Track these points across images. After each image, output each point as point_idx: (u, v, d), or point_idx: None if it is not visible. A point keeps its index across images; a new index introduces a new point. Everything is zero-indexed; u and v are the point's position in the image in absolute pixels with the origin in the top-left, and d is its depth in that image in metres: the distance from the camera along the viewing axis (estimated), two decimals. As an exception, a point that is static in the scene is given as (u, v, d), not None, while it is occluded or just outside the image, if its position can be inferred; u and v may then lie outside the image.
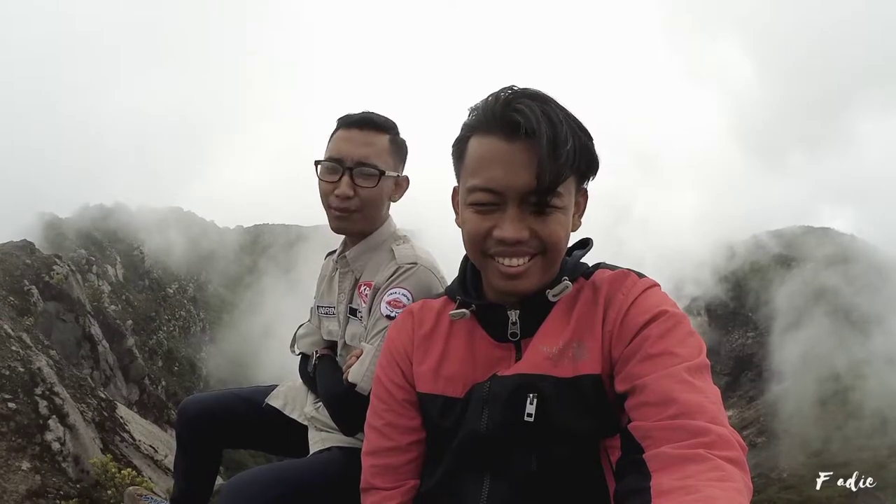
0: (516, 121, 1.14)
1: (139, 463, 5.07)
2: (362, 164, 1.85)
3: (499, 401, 1.24)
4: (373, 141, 1.88)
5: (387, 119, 1.93)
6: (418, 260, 1.86)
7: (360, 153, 1.86)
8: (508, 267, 1.21)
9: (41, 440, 3.40)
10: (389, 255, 1.90)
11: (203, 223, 46.33)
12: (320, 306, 2.15)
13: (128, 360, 15.96)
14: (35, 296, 8.51)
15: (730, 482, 0.90)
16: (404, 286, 1.80)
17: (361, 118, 1.90)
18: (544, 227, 1.19)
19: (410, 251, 1.90)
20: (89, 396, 5.81)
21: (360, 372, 1.76)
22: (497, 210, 1.19)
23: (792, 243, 54.22)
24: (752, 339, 51.07)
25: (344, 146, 1.87)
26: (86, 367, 10.51)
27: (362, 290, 1.94)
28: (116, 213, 36.01)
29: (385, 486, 1.37)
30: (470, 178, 1.21)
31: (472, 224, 1.22)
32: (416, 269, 1.83)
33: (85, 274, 21.00)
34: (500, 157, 1.17)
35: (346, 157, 1.86)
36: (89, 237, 30.74)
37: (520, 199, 1.17)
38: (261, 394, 2.18)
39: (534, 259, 1.21)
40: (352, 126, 1.89)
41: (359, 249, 1.97)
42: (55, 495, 2.89)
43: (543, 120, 1.13)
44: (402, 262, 1.85)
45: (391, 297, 1.80)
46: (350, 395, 1.76)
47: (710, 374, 1.11)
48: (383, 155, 1.89)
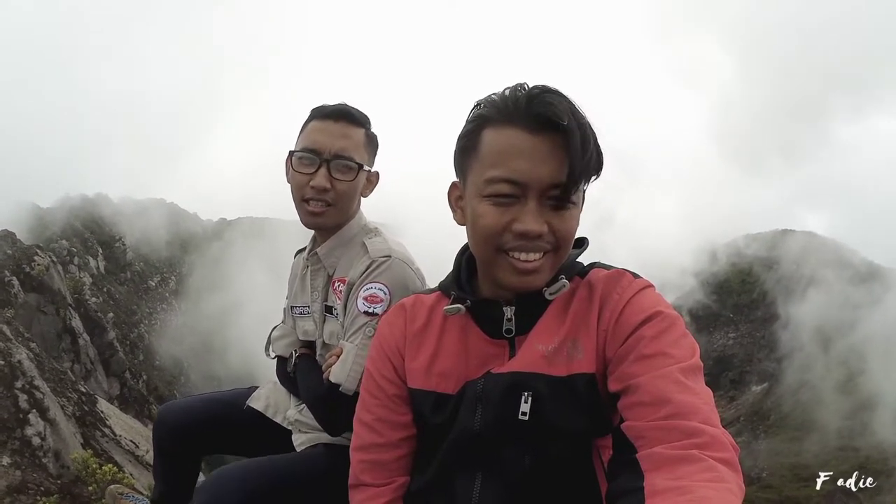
0: (544, 114, 1.14)
1: (120, 458, 5.01)
2: (340, 157, 1.81)
3: (493, 399, 1.24)
4: (350, 133, 1.85)
5: (362, 112, 1.91)
6: (392, 253, 1.82)
7: (338, 145, 1.82)
8: (525, 262, 1.20)
9: (21, 435, 3.35)
10: (362, 250, 1.86)
11: (186, 215, 45.85)
12: (294, 306, 2.09)
13: (108, 353, 15.76)
14: (16, 287, 8.38)
15: (723, 483, 0.90)
16: (380, 280, 1.77)
17: (338, 110, 1.86)
18: (561, 222, 1.19)
19: (383, 244, 1.86)
20: (69, 390, 5.74)
21: (343, 371, 1.73)
22: (516, 203, 1.18)
23: (772, 246, 54.89)
24: (732, 340, 51.63)
25: (320, 137, 1.83)
26: (66, 360, 10.37)
27: (336, 287, 1.90)
28: (98, 204, 35.52)
29: (374, 482, 1.37)
30: (489, 169, 1.19)
31: (489, 218, 1.20)
32: (391, 262, 1.80)
33: (66, 265, 20.72)
34: (523, 149, 1.16)
35: (322, 149, 1.81)
36: (71, 228, 30.31)
37: (540, 193, 1.17)
38: (241, 396, 2.12)
39: (546, 255, 1.21)
40: (328, 117, 1.85)
41: (330, 245, 1.92)
42: (36, 491, 2.85)
43: (572, 115, 1.14)
44: (375, 255, 1.81)
45: (367, 292, 1.76)
46: (333, 395, 1.73)
47: (703, 376, 1.12)
48: (359, 148, 1.86)
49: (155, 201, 43.48)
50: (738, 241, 58.23)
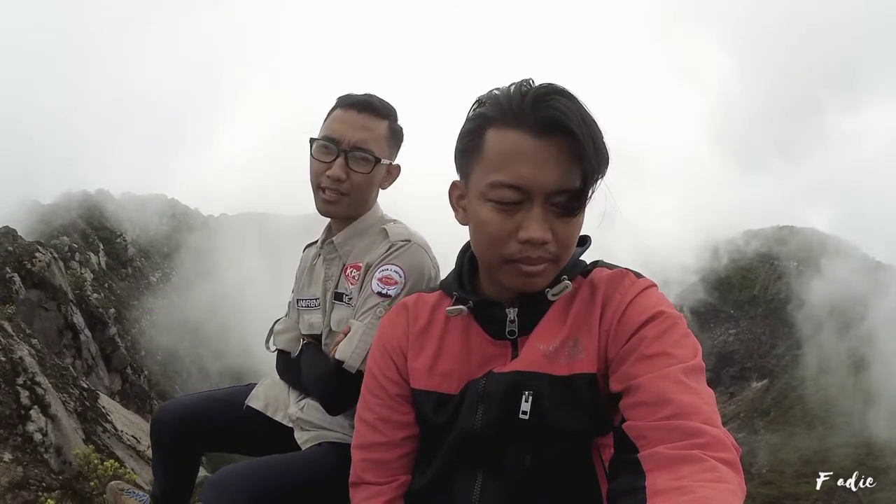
0: (552, 117, 1.10)
1: (122, 454, 5.02)
2: (358, 149, 1.80)
3: (494, 398, 1.23)
4: (371, 126, 1.83)
5: (388, 104, 1.89)
6: (412, 237, 1.83)
7: (357, 137, 1.81)
8: (529, 268, 1.18)
9: (23, 431, 3.36)
10: (381, 235, 1.87)
11: (187, 210, 45.88)
12: (300, 300, 2.08)
13: (110, 349, 15.76)
14: (17, 283, 8.38)
15: (724, 483, 0.90)
16: (396, 263, 1.77)
17: (362, 100, 1.85)
18: (564, 228, 1.17)
19: (404, 230, 1.87)
20: (71, 386, 5.75)
21: (348, 349, 1.71)
22: (521, 209, 1.16)
23: (772, 243, 54.91)
24: (733, 337, 51.66)
25: (341, 127, 1.82)
26: (67, 356, 10.38)
27: (349, 273, 1.89)
28: (99, 200, 35.54)
29: (376, 480, 1.37)
30: (492, 173, 1.16)
31: (494, 225, 1.18)
32: (410, 246, 1.80)
33: (67, 262, 20.72)
34: (528, 154, 1.13)
35: (342, 139, 1.80)
36: (72, 224, 30.34)
37: (545, 199, 1.14)
38: (239, 394, 2.09)
39: (548, 264, 1.20)
40: (351, 107, 1.84)
41: (346, 234, 1.92)
42: (37, 487, 2.86)
43: (581, 119, 1.11)
44: (395, 239, 1.82)
45: (382, 273, 1.76)
46: (337, 372, 1.71)
47: (705, 376, 1.12)
48: (380, 141, 1.85)
49: (156, 197, 43.51)
50: (739, 238, 58.25)
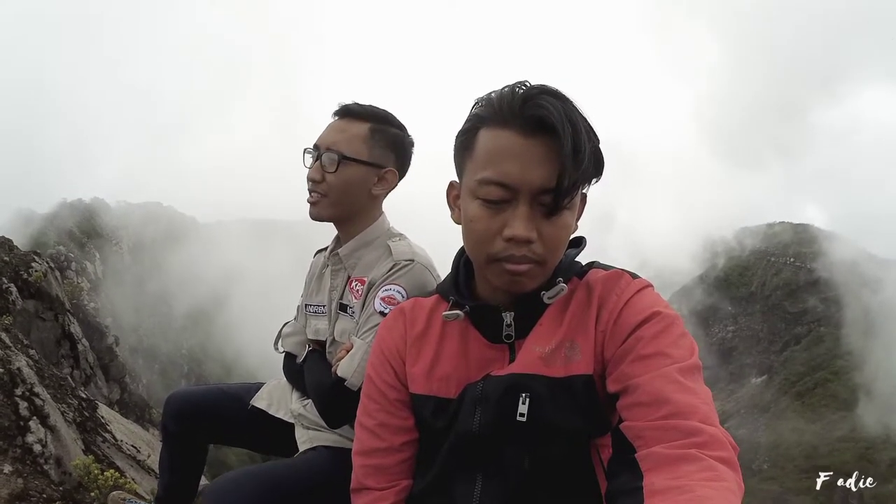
0: (537, 116, 1.12)
1: (122, 463, 5.00)
2: (329, 150, 1.88)
3: (491, 400, 1.24)
4: (346, 128, 1.90)
5: (373, 109, 1.94)
6: (415, 257, 1.85)
7: (330, 139, 1.89)
8: (514, 267, 1.19)
9: (22, 442, 3.34)
10: (385, 251, 1.90)
11: (183, 218, 45.85)
12: (308, 304, 2.13)
13: (108, 358, 15.70)
14: (14, 294, 8.34)
15: (722, 482, 0.91)
16: (399, 283, 1.80)
17: (343, 107, 1.94)
18: (552, 228, 1.17)
19: (407, 248, 1.90)
20: (70, 396, 5.72)
21: (350, 367, 1.75)
22: (507, 207, 1.17)
23: (768, 239, 55.07)
24: (731, 334, 51.76)
25: (322, 134, 1.93)
26: (65, 366, 10.34)
27: (354, 287, 1.92)
28: (95, 209, 35.52)
29: (377, 486, 1.37)
30: (480, 170, 1.18)
31: (481, 223, 1.19)
32: (413, 266, 1.83)
33: (64, 271, 20.67)
34: (515, 152, 1.14)
35: (320, 144, 1.91)
36: (68, 233, 30.30)
37: (531, 197, 1.15)
38: (247, 391, 2.16)
39: (534, 265, 1.20)
40: (334, 115, 1.95)
41: (351, 246, 1.96)
42: (38, 499, 2.85)
43: (566, 119, 1.12)
44: (398, 258, 1.85)
45: (385, 293, 1.79)
46: (338, 388, 1.75)
47: (702, 375, 1.13)
48: (354, 142, 1.89)
49: (152, 205, 43.48)
50: (735, 236, 58.37)
